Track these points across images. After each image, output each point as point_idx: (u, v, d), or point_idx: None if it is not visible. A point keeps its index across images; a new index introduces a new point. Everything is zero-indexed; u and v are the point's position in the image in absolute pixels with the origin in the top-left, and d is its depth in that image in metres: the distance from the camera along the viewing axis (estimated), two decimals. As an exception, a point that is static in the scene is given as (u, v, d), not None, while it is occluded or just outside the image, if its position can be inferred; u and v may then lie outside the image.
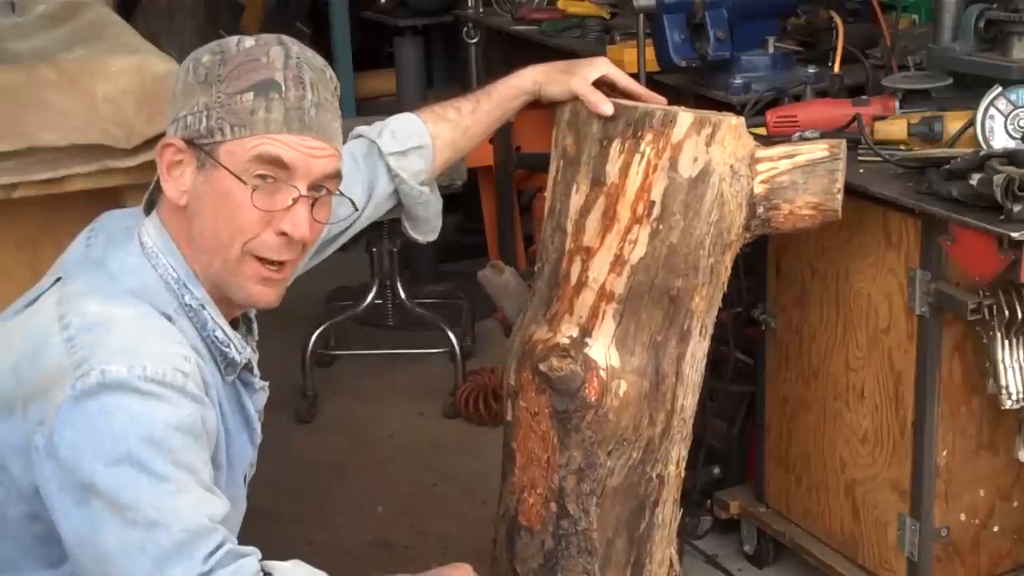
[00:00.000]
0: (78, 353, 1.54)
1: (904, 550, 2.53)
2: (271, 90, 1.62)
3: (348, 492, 3.45)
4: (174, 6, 5.04)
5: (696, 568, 2.99)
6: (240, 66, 1.62)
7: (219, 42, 1.66)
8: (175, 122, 1.65)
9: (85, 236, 1.76)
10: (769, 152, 2.11)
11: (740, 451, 3.03)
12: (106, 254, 1.68)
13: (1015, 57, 2.52)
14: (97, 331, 1.56)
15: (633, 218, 2.02)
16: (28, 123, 2.32)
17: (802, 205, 2.12)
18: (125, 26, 2.87)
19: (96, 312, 1.59)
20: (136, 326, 1.59)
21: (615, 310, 2.06)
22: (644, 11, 2.83)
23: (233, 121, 1.62)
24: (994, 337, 2.36)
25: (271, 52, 1.64)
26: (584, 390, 2.06)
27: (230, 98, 1.61)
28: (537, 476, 2.14)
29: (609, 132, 2.02)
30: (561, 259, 2.10)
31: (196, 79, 1.63)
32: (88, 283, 1.64)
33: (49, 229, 2.50)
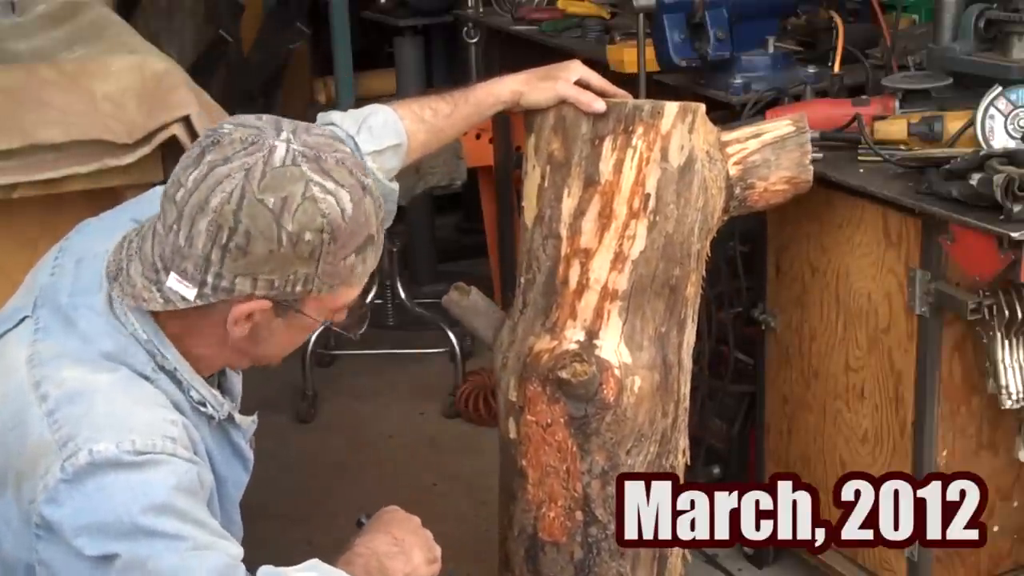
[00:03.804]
0: (62, 430, 1.50)
1: (904, 550, 2.53)
2: (368, 245, 1.59)
3: (348, 492, 3.45)
4: (174, 6, 5.04)
5: (696, 568, 2.98)
6: (348, 236, 1.55)
7: (324, 214, 1.51)
8: (252, 279, 1.53)
9: (52, 257, 1.71)
10: (735, 134, 2.16)
11: (740, 451, 3.03)
12: (74, 304, 1.60)
13: (1015, 57, 2.52)
14: (78, 404, 1.52)
15: (630, 213, 2.03)
16: (28, 121, 2.33)
17: (776, 181, 2.18)
18: (125, 26, 2.87)
19: (73, 380, 1.54)
20: (117, 395, 1.54)
21: (620, 307, 2.06)
22: (644, 11, 2.83)
23: (332, 282, 1.57)
24: (994, 337, 2.36)
25: (366, 207, 1.56)
26: (602, 391, 2.05)
27: (333, 266, 1.55)
28: (556, 488, 2.12)
29: (600, 131, 2.02)
30: (556, 266, 2.08)
31: (296, 253, 1.52)
32: (60, 344, 1.58)
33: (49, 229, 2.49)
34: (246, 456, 1.79)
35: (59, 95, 2.36)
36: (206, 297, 1.54)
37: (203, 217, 1.50)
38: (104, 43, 2.65)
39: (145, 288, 1.56)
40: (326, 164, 1.53)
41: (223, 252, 1.51)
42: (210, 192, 1.50)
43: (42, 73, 2.40)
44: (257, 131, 1.55)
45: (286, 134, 1.55)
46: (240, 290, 1.54)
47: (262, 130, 1.55)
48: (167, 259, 1.54)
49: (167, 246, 1.54)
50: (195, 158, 1.53)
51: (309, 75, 5.64)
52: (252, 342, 1.63)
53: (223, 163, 1.51)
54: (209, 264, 1.52)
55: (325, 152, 1.55)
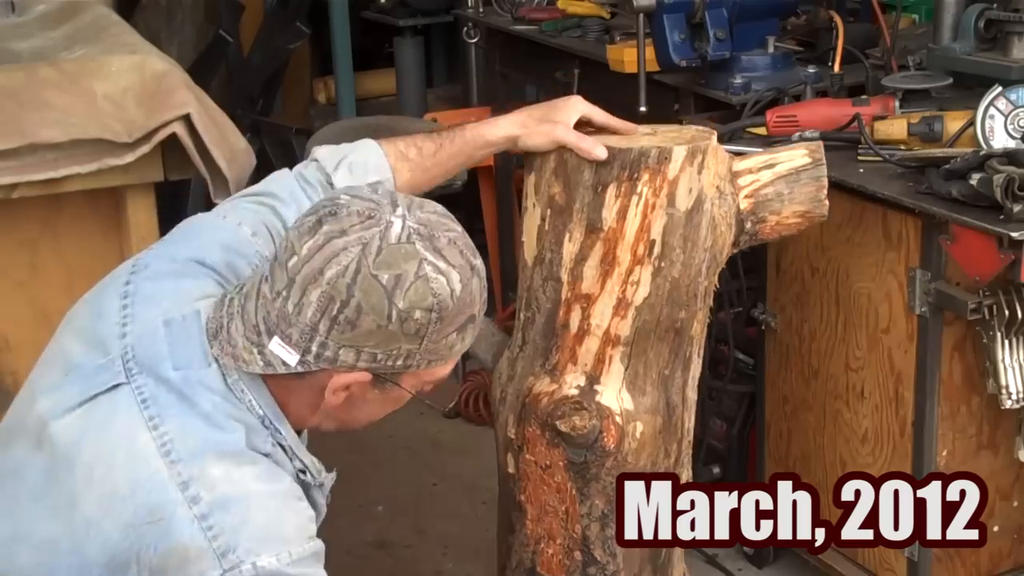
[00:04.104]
0: (220, 540, 1.51)
1: (904, 550, 2.53)
2: (470, 324, 1.61)
3: (348, 492, 3.44)
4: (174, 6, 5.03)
5: (696, 568, 2.98)
6: (453, 316, 1.56)
7: (435, 294, 1.52)
8: (356, 351, 1.54)
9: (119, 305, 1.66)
10: (747, 164, 2.05)
11: (740, 451, 3.03)
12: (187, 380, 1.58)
13: (1015, 57, 2.52)
14: (233, 512, 1.53)
15: (634, 260, 1.95)
16: (28, 121, 2.32)
17: (789, 215, 2.07)
18: (125, 26, 2.86)
19: (223, 479, 1.54)
20: (268, 501, 1.57)
21: (622, 353, 2.00)
22: (644, 11, 2.83)
23: (431, 358, 1.58)
24: (994, 337, 2.36)
25: (473, 288, 1.58)
26: (602, 439, 2.00)
27: (436, 343, 1.57)
28: (555, 527, 2.08)
29: (603, 178, 1.92)
30: (557, 309, 2.01)
31: (404, 331, 1.53)
32: (192, 432, 1.56)
33: (49, 229, 2.50)
34: (322, 511, 1.80)
35: (59, 95, 2.36)
36: (308, 364, 1.55)
37: (315, 288, 1.50)
38: (104, 43, 2.65)
39: (246, 349, 1.56)
40: (439, 243, 1.54)
41: (331, 323, 1.51)
42: (325, 263, 1.50)
43: (42, 73, 2.40)
44: (375, 205, 1.54)
45: (402, 210, 1.55)
46: (343, 361, 1.55)
47: (379, 204, 1.55)
48: (271, 323, 1.54)
49: (273, 311, 1.54)
50: (312, 226, 1.53)
51: (309, 75, 5.64)
52: (345, 410, 1.65)
53: (340, 235, 1.51)
54: (316, 333, 1.52)
55: (438, 231, 1.55)
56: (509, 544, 2.16)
